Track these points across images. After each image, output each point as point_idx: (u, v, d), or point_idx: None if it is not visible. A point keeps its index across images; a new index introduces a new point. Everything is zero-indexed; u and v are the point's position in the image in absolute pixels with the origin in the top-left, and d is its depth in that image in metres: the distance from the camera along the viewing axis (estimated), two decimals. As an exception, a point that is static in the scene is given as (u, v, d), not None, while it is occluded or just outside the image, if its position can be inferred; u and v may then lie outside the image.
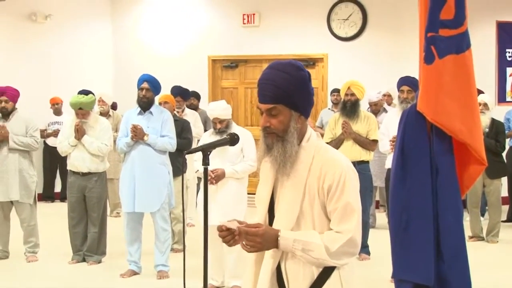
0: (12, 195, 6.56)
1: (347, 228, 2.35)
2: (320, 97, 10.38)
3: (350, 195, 2.36)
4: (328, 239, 2.34)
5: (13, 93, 6.64)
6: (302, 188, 2.40)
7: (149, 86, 6.11)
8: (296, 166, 2.41)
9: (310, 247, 2.34)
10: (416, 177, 2.95)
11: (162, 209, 6.10)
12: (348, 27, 10.30)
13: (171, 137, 6.13)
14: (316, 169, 2.39)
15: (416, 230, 2.94)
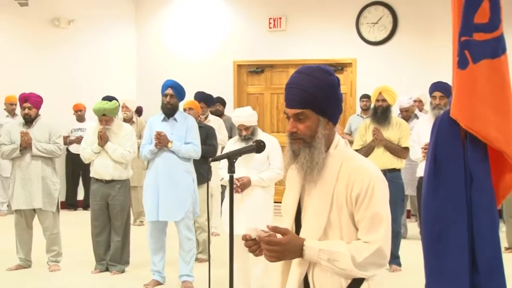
0: (35, 203, 6.63)
1: (375, 238, 2.33)
2: (348, 103, 10.34)
3: (378, 204, 2.35)
4: (355, 249, 2.33)
5: (36, 100, 6.72)
6: (329, 197, 2.39)
7: (174, 92, 6.15)
8: (323, 174, 2.41)
9: (336, 257, 2.33)
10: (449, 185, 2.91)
11: (186, 218, 6.12)
12: (377, 31, 10.25)
13: (196, 144, 6.16)
14: (344, 177, 2.38)
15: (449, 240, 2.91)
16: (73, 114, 10.72)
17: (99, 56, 11.41)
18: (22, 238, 6.77)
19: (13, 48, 10.52)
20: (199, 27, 11.39)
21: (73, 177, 10.92)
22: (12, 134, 6.70)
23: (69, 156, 10.73)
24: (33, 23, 10.78)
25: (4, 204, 10.27)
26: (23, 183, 6.62)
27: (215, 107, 9.58)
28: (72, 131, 10.67)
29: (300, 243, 2.37)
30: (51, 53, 10.92)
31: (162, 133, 6.03)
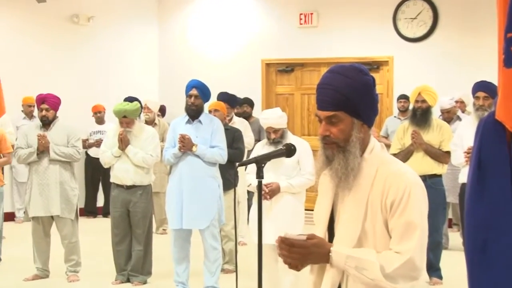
0: (52, 210, 6.69)
1: (406, 248, 2.32)
2: (385, 104, 10.29)
3: (413, 212, 2.33)
4: (385, 258, 2.32)
5: (54, 101, 6.78)
6: (364, 204, 2.38)
7: (198, 93, 6.18)
8: (358, 180, 2.40)
9: (364, 265, 2.32)
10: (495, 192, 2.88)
11: (211, 226, 6.14)
12: (416, 26, 10.18)
13: (222, 148, 6.18)
14: (380, 183, 2.37)
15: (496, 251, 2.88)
16: (92, 116, 10.83)
17: (120, 54, 11.52)
18: (39, 246, 6.84)
19: (30, 47, 10.66)
20: (226, 23, 11.43)
21: (92, 182, 11.02)
22: (29, 137, 6.77)
23: (88, 160, 10.83)
24: (51, 20, 10.91)
25: (20, 210, 10.40)
26: (41, 188, 6.69)
27: (242, 109, 9.60)
28: (91, 133, 10.78)
29: (327, 248, 2.38)
30: (70, 51, 11.05)
31: (186, 136, 6.06)
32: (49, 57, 10.82)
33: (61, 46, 10.97)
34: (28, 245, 7.01)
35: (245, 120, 8.64)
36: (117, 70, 11.45)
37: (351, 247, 2.38)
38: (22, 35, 10.64)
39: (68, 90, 10.13)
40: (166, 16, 11.96)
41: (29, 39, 10.70)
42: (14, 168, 10.25)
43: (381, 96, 10.14)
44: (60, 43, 10.97)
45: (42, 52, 10.76)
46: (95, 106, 10.80)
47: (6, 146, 7.41)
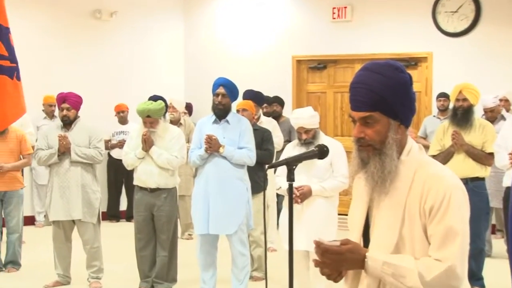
0: (74, 214, 6.75)
1: (446, 255, 2.30)
2: (423, 103, 10.22)
3: (454, 217, 2.32)
4: (424, 266, 2.30)
5: (75, 100, 6.84)
6: (401, 209, 2.37)
7: (226, 91, 6.20)
8: (395, 183, 2.39)
9: (402, 272, 2.31)
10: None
11: (239, 231, 6.15)
12: (457, 20, 10.10)
13: (250, 149, 6.19)
14: (418, 187, 2.36)
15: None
16: (115, 116, 10.92)
17: (144, 51, 11.59)
18: (60, 252, 6.91)
19: (50, 44, 10.78)
20: (254, 18, 11.45)
21: (115, 185, 11.11)
22: (50, 138, 6.84)
23: (110, 162, 10.92)
24: (72, 16, 11.02)
25: (40, 214, 10.52)
26: (61, 191, 6.75)
27: (272, 108, 9.61)
28: (114, 134, 10.87)
29: (363, 254, 2.37)
30: (92, 48, 11.15)
31: (213, 136, 6.08)
32: (70, 55, 10.92)
33: (82, 42, 11.07)
34: (49, 250, 7.08)
35: (273, 120, 8.64)
36: (141, 68, 11.53)
37: (388, 253, 2.37)
38: (42, 32, 10.76)
39: (90, 89, 10.23)
40: (192, 11, 12.01)
41: (49, 35, 10.81)
42: (34, 170, 10.36)
43: (419, 95, 10.08)
44: (81, 39, 11.07)
45: (63, 49, 10.87)
46: (118, 106, 10.89)
47: (26, 147, 7.55)
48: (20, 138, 7.53)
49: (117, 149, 10.52)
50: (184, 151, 6.69)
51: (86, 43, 11.12)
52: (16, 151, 7.52)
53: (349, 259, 2.36)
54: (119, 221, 11.08)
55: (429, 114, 9.95)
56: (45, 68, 10.62)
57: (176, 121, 9.15)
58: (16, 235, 7.60)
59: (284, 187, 5.62)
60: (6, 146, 7.38)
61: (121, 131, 10.83)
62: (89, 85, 10.58)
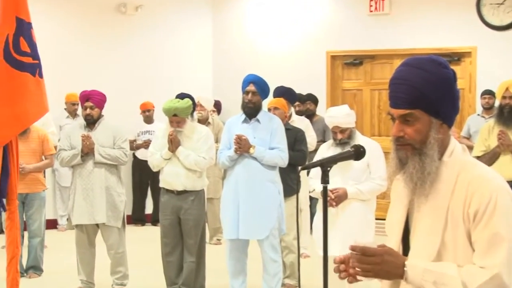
0: (98, 217, 6.79)
1: (492, 263, 2.28)
2: (466, 101, 10.14)
3: (500, 223, 2.29)
4: (467, 274, 2.28)
5: (99, 98, 6.89)
6: (443, 214, 2.36)
7: (256, 89, 6.20)
8: (437, 186, 2.38)
9: (444, 280, 2.29)
10: None
11: (271, 236, 6.15)
12: (503, 13, 10.00)
13: (282, 150, 6.18)
14: (461, 190, 2.35)
15: None
16: (140, 115, 10.98)
17: (170, 47, 11.64)
18: (83, 257, 6.95)
19: (73, 40, 10.87)
20: (286, 11, 11.44)
21: (140, 187, 11.17)
22: (72, 138, 6.89)
23: (135, 163, 10.98)
24: (96, 11, 11.11)
25: (63, 217, 10.61)
26: (85, 194, 6.80)
27: (305, 106, 9.59)
28: (139, 134, 10.93)
29: (402, 260, 2.35)
30: (116, 44, 11.22)
31: (243, 136, 6.09)
32: (94, 51, 11.01)
33: (106, 38, 11.15)
34: (72, 255, 7.13)
35: (305, 119, 8.62)
36: (168, 64, 11.57)
37: (430, 261, 2.36)
38: (64, 27, 10.86)
39: (114, 87, 10.29)
40: (221, 5, 12.04)
41: (72, 30, 10.90)
42: (57, 171, 10.47)
43: (462, 92, 9.99)
44: (105, 35, 11.15)
45: (86, 45, 10.96)
46: (143, 104, 10.95)
47: (48, 148, 7.62)
48: (42, 138, 7.60)
49: (143, 149, 10.57)
50: (213, 152, 6.70)
51: (110, 38, 11.20)
52: (38, 151, 7.59)
53: (388, 263, 2.33)
54: (144, 225, 11.14)
55: (473, 113, 9.87)
56: (68, 65, 10.71)
57: (204, 120, 9.18)
58: (38, 239, 7.67)
59: (318, 189, 5.62)
60: (27, 146, 7.41)
61: (146, 130, 10.89)
62: (113, 83, 10.65)
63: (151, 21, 11.50)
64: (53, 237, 9.59)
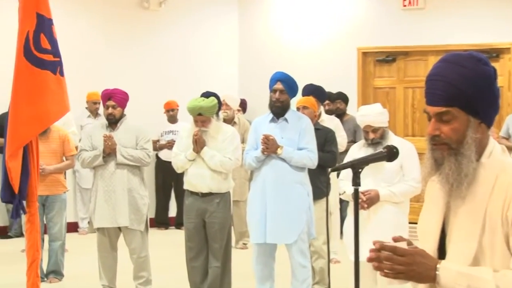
0: (120, 220, 6.81)
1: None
2: (505, 99, 10.06)
3: None
4: (503, 279, 2.26)
5: (121, 97, 6.92)
6: (481, 217, 2.34)
7: (284, 87, 6.20)
8: (474, 188, 2.36)
9: (478, 284, 2.27)
10: None
11: (300, 241, 6.15)
12: (543, 6, 9.91)
13: (311, 150, 6.17)
14: (500, 193, 2.33)
15: None
16: (164, 114, 11.02)
17: (195, 43, 11.67)
18: (105, 261, 6.99)
19: (94, 37, 10.95)
20: (315, 6, 11.42)
21: (163, 189, 11.22)
22: (94, 138, 6.93)
23: (159, 164, 11.03)
24: (118, 6, 11.17)
25: (84, 220, 10.69)
26: (107, 196, 6.83)
27: (335, 105, 9.59)
28: (162, 134, 10.98)
29: (434, 262, 2.33)
30: (138, 41, 11.27)
31: (270, 136, 6.09)
32: (115, 48, 11.07)
33: (129, 35, 11.21)
34: (93, 259, 7.16)
35: (335, 118, 8.60)
36: (192, 62, 11.60)
37: (467, 265, 2.34)
38: (86, 23, 10.93)
39: (137, 85, 10.34)
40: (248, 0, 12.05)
41: (93, 27, 10.98)
42: (78, 172, 10.55)
43: (502, 90, 9.92)
44: (128, 31, 11.21)
45: (108, 42, 11.03)
46: (167, 103, 10.99)
47: (69, 148, 7.67)
48: (63, 138, 7.64)
49: (166, 150, 10.62)
50: (239, 153, 6.70)
51: (133, 35, 11.25)
52: (58, 152, 7.64)
53: (419, 264, 2.31)
54: (168, 229, 11.18)
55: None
56: (90, 62, 10.78)
57: (230, 119, 9.20)
58: (59, 243, 7.71)
59: (349, 192, 5.60)
60: (48, 146, 7.46)
61: (170, 130, 10.93)
62: (136, 81, 10.70)
63: (175, 16, 11.54)
64: (74, 240, 9.66)
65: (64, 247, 7.89)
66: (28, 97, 4.51)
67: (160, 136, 10.94)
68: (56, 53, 4.49)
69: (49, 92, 4.51)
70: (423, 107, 2.44)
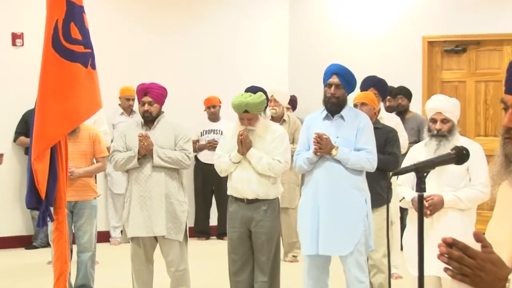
0: (156, 229, 6.83)
1: None
2: None
3: None
4: None
5: (159, 92, 6.94)
6: None
7: (340, 81, 6.19)
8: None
9: None
10: None
11: (356, 253, 6.13)
12: None
13: (370, 151, 6.15)
14: None
15: None
16: (205, 111, 11.05)
17: (241, 34, 11.69)
18: (140, 275, 7.02)
19: (129, 26, 11.02)
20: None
21: (204, 195, 11.23)
22: (128, 138, 6.97)
23: (199, 167, 11.06)
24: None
25: (117, 229, 10.78)
26: (142, 202, 6.85)
27: (397, 101, 9.53)
28: (202, 133, 11.01)
29: (506, 272, 2.28)
30: (178, 31, 11.33)
31: (324, 135, 6.09)
32: (152, 38, 11.13)
33: (168, 24, 11.27)
34: (126, 272, 7.22)
35: (396, 116, 8.55)
36: (237, 53, 11.63)
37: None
38: (122, 12, 11.03)
39: (175, 79, 10.42)
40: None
41: (130, 17, 11.06)
42: (110, 176, 10.64)
43: None
44: (166, 20, 11.26)
45: (144, 32, 11.09)
46: (208, 99, 11.01)
47: (100, 149, 7.67)
48: (93, 138, 7.63)
49: (206, 151, 10.67)
50: (289, 154, 6.71)
51: (172, 24, 11.30)
52: (88, 153, 7.61)
53: (489, 271, 2.26)
54: (209, 239, 11.23)
55: None
56: (124, 54, 10.88)
57: (279, 117, 9.21)
58: (88, 254, 7.70)
59: (408, 197, 5.59)
60: (77, 147, 7.44)
61: (211, 129, 10.96)
62: (175, 75, 10.78)
63: (220, 4, 11.57)
64: (105, 251, 9.73)
65: (95, 258, 7.88)
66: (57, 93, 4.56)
67: (200, 135, 10.98)
68: (87, 44, 4.53)
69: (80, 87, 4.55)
70: (496, 103, 2.43)
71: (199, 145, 10.89)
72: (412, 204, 5.57)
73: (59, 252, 4.69)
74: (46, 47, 4.47)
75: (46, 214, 4.65)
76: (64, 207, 4.74)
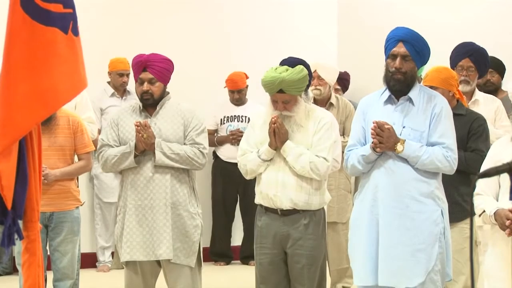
0: (160, 252, 6.87)
1: None
2: None
3: None
4: None
5: (162, 67, 6.94)
6: None
7: (408, 51, 6.13)
8: None
9: None
10: None
11: (429, 283, 6.11)
12: None
13: (448, 147, 6.12)
14: None
15: None
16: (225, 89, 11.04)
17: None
18: (137, 311, 7.09)
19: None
20: None
21: (224, 205, 11.24)
22: (121, 128, 7.01)
23: (218, 166, 11.10)
24: None
25: (106, 251, 10.80)
26: (140, 214, 6.88)
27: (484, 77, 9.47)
28: (223, 121, 11.01)
29: None
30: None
31: (386, 125, 6.07)
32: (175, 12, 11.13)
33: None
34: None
35: (497, 99, 8.41)
36: (268, 17, 11.65)
37: None
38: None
39: (185, 49, 10.44)
40: None
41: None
42: (97, 179, 10.65)
43: None
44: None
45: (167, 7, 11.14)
46: (231, 79, 10.95)
47: (84, 143, 7.54)
48: (74, 128, 7.50)
49: (229, 145, 10.68)
50: (338, 150, 6.72)
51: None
52: (68, 148, 7.49)
53: None
54: (230, 263, 11.26)
55: None
56: (117, 16, 10.90)
57: (324, 100, 9.18)
58: (69, 283, 7.68)
59: (490, 211, 5.53)
60: (53, 141, 7.40)
61: (235, 115, 10.96)
62: (184, 43, 10.81)
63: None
64: (90, 280, 9.77)
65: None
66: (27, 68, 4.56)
67: (219, 124, 10.98)
68: (67, 2, 4.53)
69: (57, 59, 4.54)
70: None
71: (219, 137, 10.89)
72: (495, 219, 5.51)
73: (30, 280, 4.70)
74: (12, 7, 4.48)
75: (13, 230, 4.65)
76: (37, 221, 4.74)
